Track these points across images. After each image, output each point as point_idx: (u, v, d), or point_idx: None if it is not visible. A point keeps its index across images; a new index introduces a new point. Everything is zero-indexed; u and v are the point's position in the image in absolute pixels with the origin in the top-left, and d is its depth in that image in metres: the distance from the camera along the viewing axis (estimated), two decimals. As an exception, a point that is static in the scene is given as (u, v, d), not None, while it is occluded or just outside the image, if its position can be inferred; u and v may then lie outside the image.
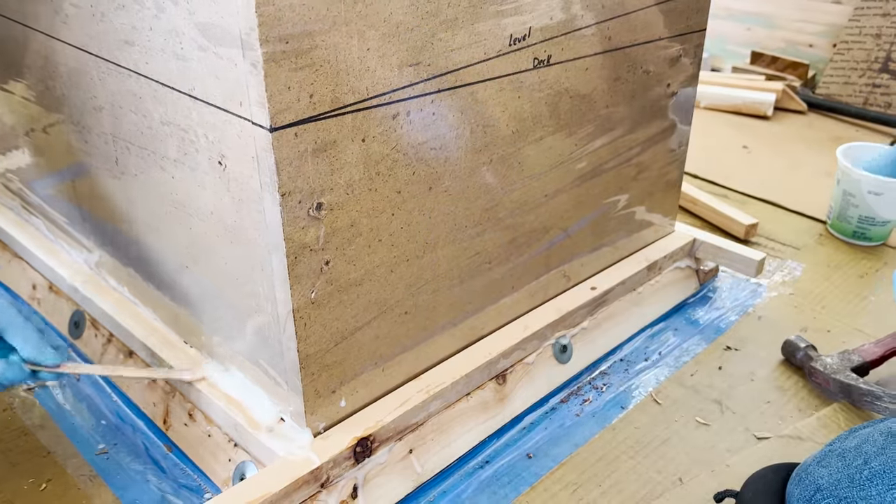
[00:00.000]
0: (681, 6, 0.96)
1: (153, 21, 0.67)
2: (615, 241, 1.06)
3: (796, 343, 1.02)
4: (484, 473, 0.85)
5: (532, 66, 0.80)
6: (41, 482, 0.82)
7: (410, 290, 0.78)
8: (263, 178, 0.63)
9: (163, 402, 0.88)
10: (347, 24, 0.61)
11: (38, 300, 1.09)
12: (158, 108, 0.72)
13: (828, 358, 0.98)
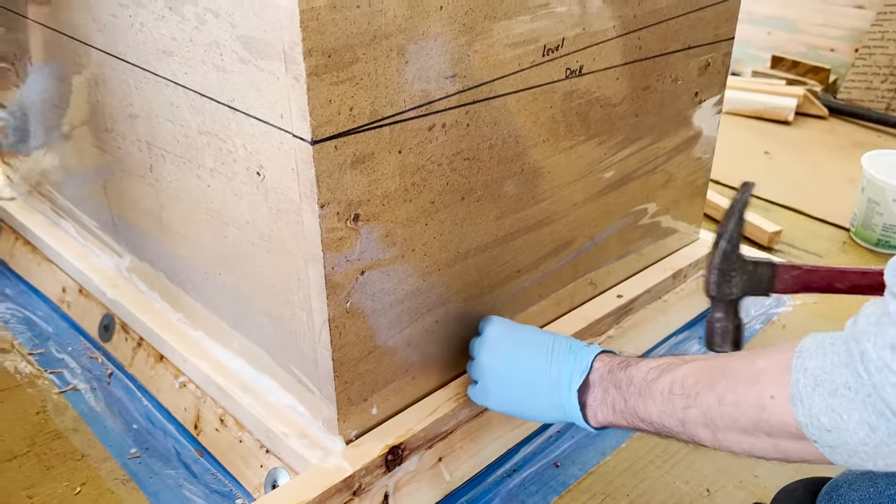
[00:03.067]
0: (710, 15, 0.96)
1: (193, 33, 0.67)
2: (641, 248, 1.06)
3: None
4: (512, 482, 0.85)
5: (564, 77, 0.80)
6: (75, 485, 0.83)
7: (441, 299, 0.78)
8: (303, 190, 0.63)
9: (194, 407, 0.89)
10: (388, 37, 0.62)
11: (68, 303, 1.10)
12: (196, 117, 0.73)
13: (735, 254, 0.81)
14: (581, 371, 0.70)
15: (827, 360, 0.52)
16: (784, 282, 0.79)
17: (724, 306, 0.79)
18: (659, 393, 0.63)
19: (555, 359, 0.72)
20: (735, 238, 0.78)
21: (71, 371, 1.00)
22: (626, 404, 0.66)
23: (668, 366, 0.64)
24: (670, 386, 0.62)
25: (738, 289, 0.78)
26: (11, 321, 1.10)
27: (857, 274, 0.78)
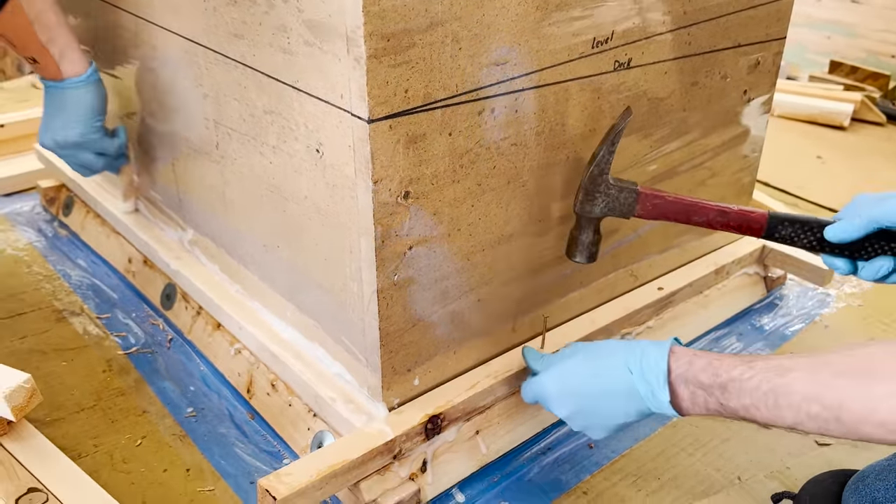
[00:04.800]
0: (761, 14, 0.98)
1: (263, 17, 0.72)
2: (684, 243, 1.08)
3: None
4: (546, 459, 0.88)
5: (612, 69, 0.83)
6: (137, 438, 0.89)
7: (485, 279, 0.82)
8: (358, 166, 0.68)
9: (247, 372, 0.94)
10: (443, 24, 0.65)
11: (133, 273, 1.17)
12: (262, 97, 0.78)
13: None
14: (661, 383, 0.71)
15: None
16: (645, 208, 0.81)
17: (586, 222, 0.82)
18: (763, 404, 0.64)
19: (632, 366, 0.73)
20: (605, 162, 0.80)
21: (134, 335, 1.06)
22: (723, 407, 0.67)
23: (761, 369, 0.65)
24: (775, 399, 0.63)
25: (601, 209, 0.80)
26: (82, 287, 1.17)
27: (716, 211, 0.79)
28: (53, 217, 1.38)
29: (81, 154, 1.05)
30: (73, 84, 0.99)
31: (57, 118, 1.02)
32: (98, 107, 1.02)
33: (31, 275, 1.20)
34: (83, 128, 1.02)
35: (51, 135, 1.02)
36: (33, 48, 0.95)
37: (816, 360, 0.62)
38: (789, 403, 0.62)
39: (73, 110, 1.01)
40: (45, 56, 0.96)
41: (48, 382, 0.96)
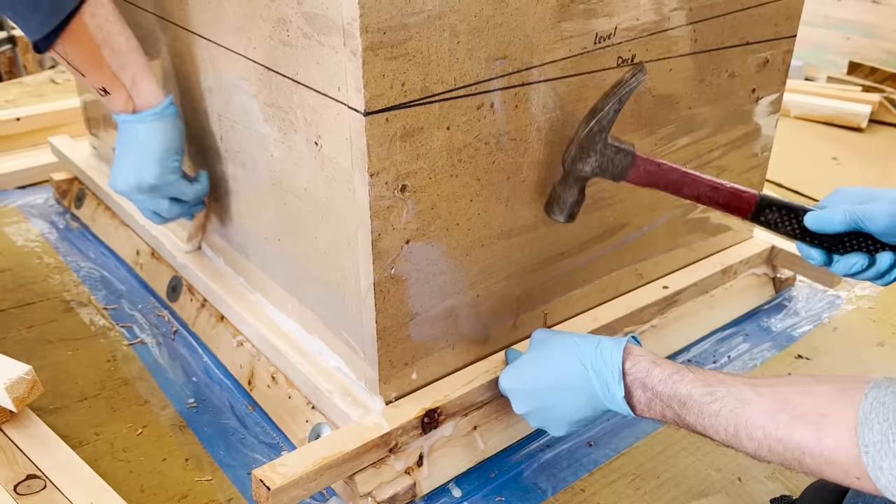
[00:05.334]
0: (770, 12, 0.97)
1: (264, 10, 0.73)
2: (691, 242, 1.07)
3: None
4: (544, 456, 0.88)
5: (616, 65, 0.82)
6: (138, 427, 0.89)
7: (484, 274, 0.81)
8: (355, 159, 0.68)
9: (249, 365, 0.94)
10: (440, 17, 0.65)
11: (141, 265, 1.18)
12: (263, 90, 0.78)
13: None
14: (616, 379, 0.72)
15: None
16: (638, 173, 0.78)
17: (574, 181, 0.78)
18: (723, 430, 0.64)
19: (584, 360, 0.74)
20: (607, 120, 0.76)
21: (140, 326, 1.07)
22: (680, 419, 0.68)
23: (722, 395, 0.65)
24: (735, 428, 0.63)
25: (592, 168, 0.77)
26: (90, 279, 1.18)
27: (708, 185, 0.77)
28: (66, 209, 1.39)
29: (155, 200, 0.93)
30: (147, 118, 0.88)
31: (129, 157, 0.90)
32: (175, 144, 0.90)
33: (41, 265, 1.22)
34: (159, 168, 0.89)
35: (123, 176, 0.91)
36: (103, 76, 0.85)
37: (777, 396, 0.62)
38: (750, 436, 0.62)
39: (148, 148, 0.89)
40: (115, 85, 0.86)
41: (53, 371, 0.98)
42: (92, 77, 0.85)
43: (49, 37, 0.79)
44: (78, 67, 0.84)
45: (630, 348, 0.73)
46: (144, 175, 0.89)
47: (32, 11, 0.77)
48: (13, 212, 1.39)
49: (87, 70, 0.84)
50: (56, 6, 0.77)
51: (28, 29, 0.80)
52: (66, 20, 0.78)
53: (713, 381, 0.66)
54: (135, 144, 0.89)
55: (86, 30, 0.80)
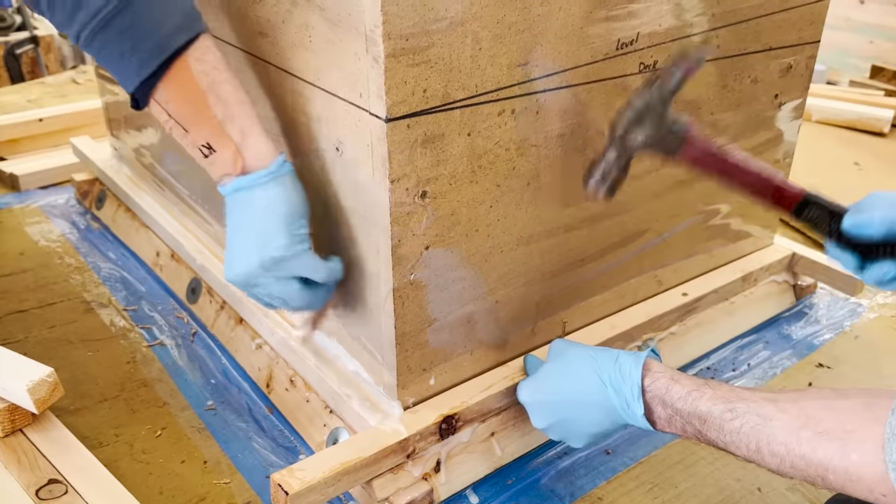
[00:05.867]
0: (794, 17, 0.96)
1: (286, 15, 0.73)
2: (711, 249, 1.06)
3: None
4: (562, 463, 0.87)
5: (638, 71, 0.82)
6: (157, 429, 0.90)
7: (503, 280, 0.81)
8: (376, 165, 0.68)
9: (267, 367, 0.95)
10: (463, 24, 0.65)
11: (161, 266, 1.19)
12: (286, 95, 0.78)
13: None
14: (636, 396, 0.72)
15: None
16: (689, 153, 0.74)
17: (622, 152, 0.74)
18: (745, 446, 0.64)
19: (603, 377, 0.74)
20: (673, 89, 0.72)
21: (159, 328, 1.08)
22: (701, 435, 0.68)
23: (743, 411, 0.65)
24: (757, 445, 0.63)
25: (644, 140, 0.73)
26: (110, 280, 1.19)
27: (756, 177, 0.74)
28: (86, 210, 1.41)
29: (282, 282, 0.75)
30: (262, 179, 0.72)
31: (246, 232, 0.73)
32: (299, 208, 0.74)
33: (62, 266, 1.23)
34: (285, 237, 0.72)
35: (241, 257, 0.73)
36: (208, 128, 0.71)
37: (800, 412, 0.61)
38: (772, 452, 0.62)
39: (269, 216, 0.72)
40: (221, 139, 0.71)
41: (74, 372, 0.98)
42: (195, 131, 0.72)
43: (150, 80, 0.69)
44: (180, 119, 0.72)
45: (649, 364, 0.72)
46: (268, 248, 0.72)
47: (132, 53, 0.68)
48: (35, 212, 1.40)
49: (189, 121, 0.71)
50: (158, 46, 0.68)
51: (126, 75, 0.70)
52: (168, 61, 0.69)
53: (733, 397, 0.66)
54: (252, 214, 0.73)
55: (190, 74, 0.70)
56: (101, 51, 0.70)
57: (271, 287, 0.75)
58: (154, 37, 0.68)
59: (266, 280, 0.74)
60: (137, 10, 0.67)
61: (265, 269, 0.73)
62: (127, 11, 0.67)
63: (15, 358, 0.85)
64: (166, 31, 0.68)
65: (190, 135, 0.72)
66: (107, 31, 0.68)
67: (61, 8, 0.68)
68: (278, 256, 0.72)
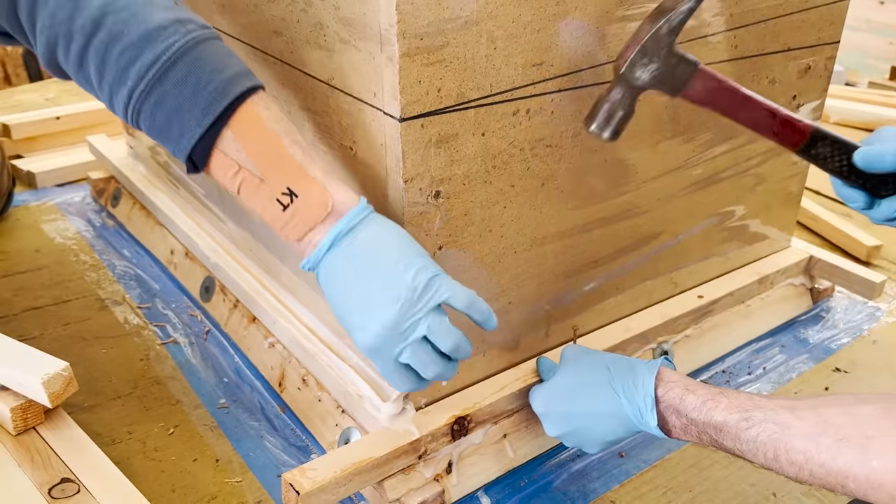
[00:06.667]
0: (813, 17, 0.95)
1: (301, 14, 0.73)
2: (727, 251, 1.05)
3: None
4: (575, 466, 0.87)
5: (654, 72, 0.81)
6: (169, 427, 0.90)
7: (516, 282, 0.81)
8: (390, 164, 0.67)
9: (280, 366, 0.95)
10: (478, 23, 0.65)
11: (175, 264, 1.19)
12: (299, 94, 0.78)
13: None
14: (649, 407, 0.71)
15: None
16: (696, 90, 0.71)
17: (627, 90, 0.70)
18: (762, 454, 0.63)
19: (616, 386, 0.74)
20: (679, 21, 0.68)
21: (173, 325, 1.08)
22: (717, 443, 0.68)
23: (759, 420, 0.64)
24: (775, 453, 0.62)
25: (650, 76, 0.69)
26: (125, 277, 1.20)
27: (765, 110, 0.71)
28: (102, 208, 1.41)
29: (416, 345, 0.63)
30: (362, 214, 0.64)
31: (369, 282, 0.63)
32: (415, 245, 0.65)
33: (77, 263, 1.24)
34: (421, 259, 0.63)
35: (380, 310, 0.62)
36: (286, 171, 0.63)
37: (818, 419, 0.60)
38: (790, 460, 0.61)
39: (390, 248, 0.63)
40: (304, 181, 0.63)
41: (88, 369, 0.99)
42: (273, 177, 0.63)
43: (213, 129, 0.63)
44: (254, 167, 0.63)
45: (662, 373, 0.72)
46: (409, 278, 0.62)
47: (193, 102, 0.62)
48: (51, 209, 1.41)
49: (266, 167, 0.63)
50: (223, 89, 0.62)
51: (186, 128, 0.63)
52: (233, 105, 0.63)
53: (749, 405, 0.65)
54: (368, 256, 0.63)
55: (259, 118, 0.63)
56: (156, 109, 0.63)
57: (406, 353, 0.63)
58: (216, 81, 0.63)
59: (392, 341, 0.62)
60: (197, 59, 0.63)
61: (412, 306, 0.62)
62: (185, 59, 0.63)
63: (30, 352, 0.85)
64: (230, 75, 0.63)
65: (266, 184, 0.63)
66: (164, 81, 0.62)
67: (115, 65, 0.63)
68: (425, 283, 0.62)
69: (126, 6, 0.63)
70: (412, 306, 0.62)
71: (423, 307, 0.62)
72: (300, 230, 0.64)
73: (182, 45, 0.63)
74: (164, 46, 0.62)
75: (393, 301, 0.61)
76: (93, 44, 0.63)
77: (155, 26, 0.62)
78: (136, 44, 0.62)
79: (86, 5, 0.63)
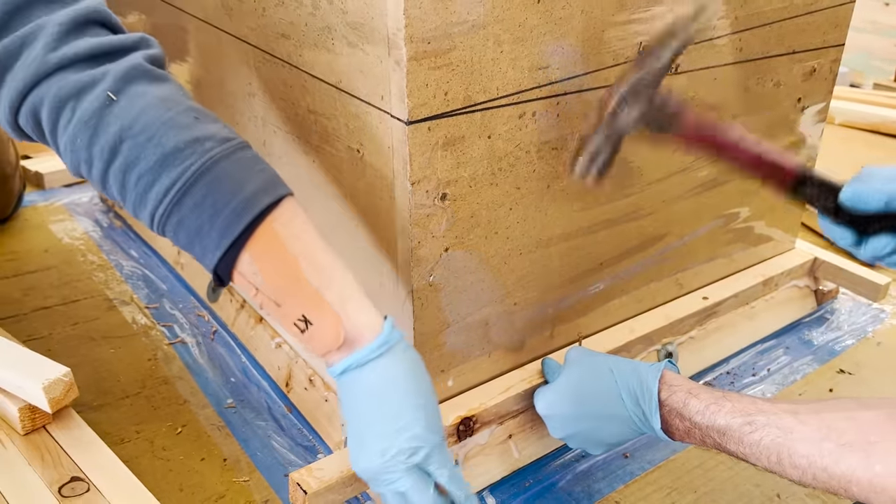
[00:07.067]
0: (818, 20, 0.95)
1: (309, 18, 0.73)
2: (731, 253, 1.06)
3: None
4: (580, 467, 0.87)
5: (659, 75, 0.81)
6: (177, 427, 0.91)
7: (521, 283, 0.81)
8: (397, 167, 0.68)
9: (286, 366, 0.95)
10: (485, 27, 0.65)
11: (182, 265, 1.20)
12: (306, 96, 0.79)
13: None
14: (653, 410, 0.72)
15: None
16: (680, 132, 0.72)
17: (613, 133, 0.71)
18: (766, 458, 0.64)
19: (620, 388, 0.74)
20: (665, 64, 0.70)
21: (180, 326, 1.09)
22: (720, 447, 0.68)
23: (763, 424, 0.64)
24: (778, 457, 0.63)
25: (632, 121, 0.71)
26: (132, 277, 1.21)
27: (753, 155, 0.71)
28: (109, 208, 1.42)
29: (387, 490, 0.64)
30: (373, 354, 0.63)
31: (366, 419, 0.64)
32: (423, 383, 0.65)
33: (85, 263, 1.25)
34: (423, 418, 0.63)
35: (369, 448, 0.63)
36: (301, 298, 0.62)
37: (821, 423, 0.61)
38: (793, 464, 0.61)
39: (389, 398, 0.63)
40: (319, 309, 0.63)
41: (96, 368, 1.00)
42: (289, 303, 0.63)
43: (233, 250, 0.61)
44: (271, 292, 0.62)
45: (666, 377, 0.73)
46: (399, 436, 0.62)
47: (211, 224, 0.61)
48: (59, 209, 1.42)
49: (282, 293, 0.62)
50: (240, 210, 0.60)
51: (207, 249, 0.62)
52: (251, 226, 0.61)
53: (752, 409, 0.66)
54: (370, 398, 0.64)
55: (278, 239, 0.62)
56: (178, 229, 0.62)
57: (399, 482, 0.63)
58: (233, 202, 0.60)
59: (393, 475, 0.63)
60: (215, 179, 0.61)
61: (395, 461, 0.62)
62: (202, 182, 0.60)
63: (31, 356, 0.86)
64: (247, 195, 0.61)
65: (283, 309, 0.63)
66: (182, 204, 0.61)
67: (133, 190, 0.62)
68: (413, 450, 0.62)
69: (143, 130, 0.61)
70: (395, 464, 0.62)
71: (407, 468, 0.63)
72: (318, 352, 0.64)
73: (199, 168, 0.60)
74: (180, 171, 0.60)
75: (378, 454, 0.62)
76: (111, 169, 0.62)
77: (171, 149, 0.60)
78: (152, 169, 0.61)
79: (103, 132, 0.61)
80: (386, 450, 0.62)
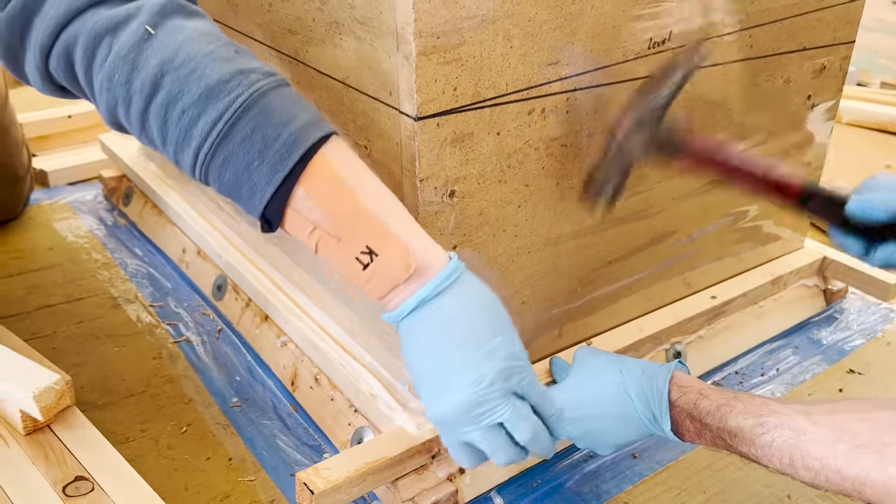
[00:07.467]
0: (829, 17, 0.94)
1: (316, 13, 0.73)
2: (740, 252, 1.05)
3: None
4: (588, 467, 0.87)
5: (669, 71, 0.81)
6: (182, 425, 0.90)
7: (529, 281, 0.81)
8: (405, 164, 0.67)
9: (292, 365, 0.95)
10: (494, 22, 0.65)
11: (187, 263, 1.19)
12: (313, 92, 0.78)
13: None
14: (663, 411, 0.71)
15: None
16: (686, 157, 0.74)
17: (621, 162, 0.73)
18: (777, 460, 0.63)
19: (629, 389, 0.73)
20: (672, 92, 0.71)
21: (185, 324, 1.09)
22: (732, 448, 0.67)
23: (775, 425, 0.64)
24: (790, 459, 0.62)
25: (639, 148, 0.73)
26: (137, 276, 1.20)
27: (758, 176, 0.73)
28: (114, 206, 1.42)
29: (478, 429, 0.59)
30: (449, 280, 0.59)
31: (449, 354, 0.59)
32: (500, 320, 0.62)
33: (90, 261, 1.24)
34: (509, 343, 0.60)
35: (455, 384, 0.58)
36: (365, 229, 0.59)
37: (834, 425, 0.60)
38: (806, 466, 0.60)
39: (476, 324, 0.59)
40: (385, 239, 0.58)
41: (101, 367, 0.99)
42: (350, 236, 0.59)
43: (285, 186, 0.58)
44: (330, 226, 0.59)
45: (676, 377, 0.72)
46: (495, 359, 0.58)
47: (260, 159, 0.58)
48: (64, 208, 1.42)
49: (342, 226, 0.59)
50: (291, 143, 0.58)
51: (256, 188, 0.59)
52: (303, 159, 0.58)
53: (764, 410, 0.65)
54: (449, 338, 0.59)
55: (333, 171, 0.59)
56: (224, 167, 0.59)
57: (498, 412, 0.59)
58: (284, 135, 0.58)
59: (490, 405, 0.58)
60: (262, 112, 0.58)
61: (491, 389, 0.58)
62: (250, 114, 0.58)
63: (24, 363, 0.84)
64: (297, 128, 0.58)
65: (344, 243, 0.59)
66: (229, 139, 0.58)
67: (176, 126, 0.59)
68: (510, 371, 0.58)
69: (184, 62, 0.58)
70: (492, 392, 0.58)
71: (504, 393, 0.58)
72: (382, 290, 0.59)
73: (246, 99, 0.58)
74: (227, 102, 0.58)
75: (472, 384, 0.58)
76: (153, 105, 0.59)
77: (216, 81, 0.58)
78: (197, 102, 0.58)
79: (143, 66, 0.59)
80: (482, 377, 0.57)
